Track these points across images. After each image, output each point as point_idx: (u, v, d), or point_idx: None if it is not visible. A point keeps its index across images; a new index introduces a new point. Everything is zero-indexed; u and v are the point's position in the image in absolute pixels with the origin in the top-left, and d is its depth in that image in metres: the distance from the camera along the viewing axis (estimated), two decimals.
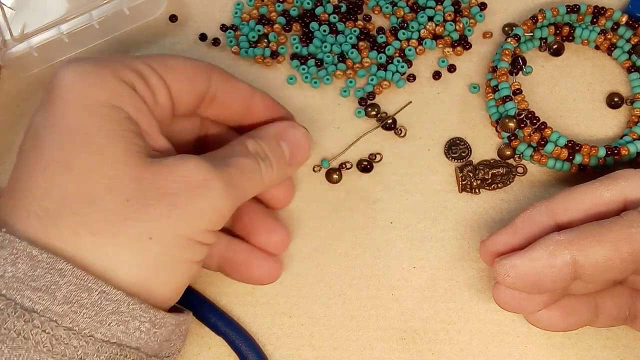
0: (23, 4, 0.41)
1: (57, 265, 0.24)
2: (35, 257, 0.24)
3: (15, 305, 0.24)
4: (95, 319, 0.24)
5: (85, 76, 0.27)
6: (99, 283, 0.25)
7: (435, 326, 0.34)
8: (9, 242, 0.25)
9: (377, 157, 0.38)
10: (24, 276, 0.24)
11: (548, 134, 0.36)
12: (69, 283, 0.24)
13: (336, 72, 0.40)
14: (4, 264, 0.24)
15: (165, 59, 0.30)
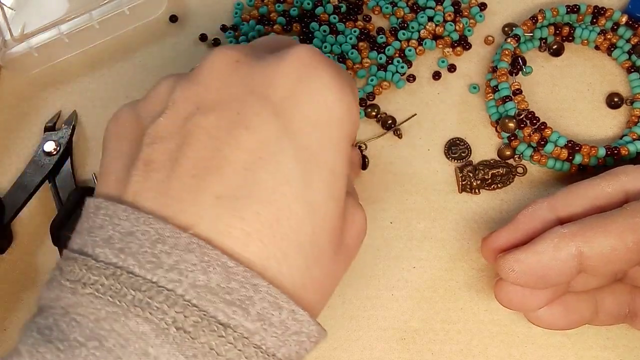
0: (23, 4, 0.41)
1: (253, 281, 0.22)
2: (230, 268, 0.22)
3: (209, 318, 0.21)
4: (280, 338, 0.23)
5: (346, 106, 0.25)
6: (290, 302, 0.23)
7: (435, 326, 0.34)
8: (197, 247, 0.22)
9: (363, 146, 0.38)
10: (217, 287, 0.22)
11: (548, 134, 0.36)
12: (262, 300, 0.22)
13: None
14: (192, 270, 0.22)
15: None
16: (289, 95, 0.24)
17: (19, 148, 0.40)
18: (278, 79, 0.24)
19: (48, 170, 0.38)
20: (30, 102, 0.41)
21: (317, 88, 0.24)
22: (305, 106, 0.24)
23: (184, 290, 0.21)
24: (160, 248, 0.22)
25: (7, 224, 0.37)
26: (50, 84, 0.42)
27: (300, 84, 0.24)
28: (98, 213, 0.23)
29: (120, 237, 0.22)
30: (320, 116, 0.24)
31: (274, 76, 0.24)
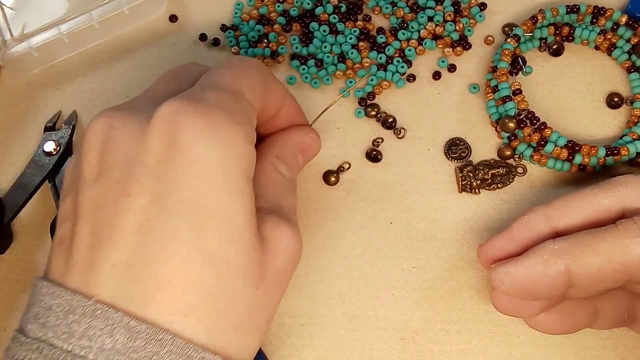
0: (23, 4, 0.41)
1: (157, 336, 0.23)
2: (133, 327, 0.23)
3: None
4: None
5: (225, 147, 0.25)
6: (198, 350, 0.23)
7: (435, 326, 0.34)
8: (102, 312, 0.23)
9: (380, 141, 0.38)
10: (123, 347, 0.23)
11: (548, 134, 0.36)
12: (170, 352, 0.23)
13: (336, 72, 0.40)
14: (100, 334, 0.23)
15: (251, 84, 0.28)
16: (162, 155, 0.25)
17: (19, 148, 0.40)
18: (149, 143, 0.25)
19: (48, 170, 0.38)
20: (30, 102, 0.41)
21: (187, 143, 0.25)
22: (180, 163, 0.24)
23: (94, 355, 0.23)
24: (72, 318, 0.23)
25: (7, 224, 0.37)
26: (50, 84, 0.42)
27: (170, 144, 0.25)
28: (33, 291, 0.25)
29: (42, 312, 0.24)
30: (198, 168, 0.25)
31: (145, 140, 0.25)
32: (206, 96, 0.26)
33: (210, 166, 0.25)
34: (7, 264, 0.37)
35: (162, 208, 0.24)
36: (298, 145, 0.33)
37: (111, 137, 0.26)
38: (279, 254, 0.27)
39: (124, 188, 0.25)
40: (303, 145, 0.33)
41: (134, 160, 0.25)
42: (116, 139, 0.26)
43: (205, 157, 0.25)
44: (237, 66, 0.29)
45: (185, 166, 0.24)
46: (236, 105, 0.27)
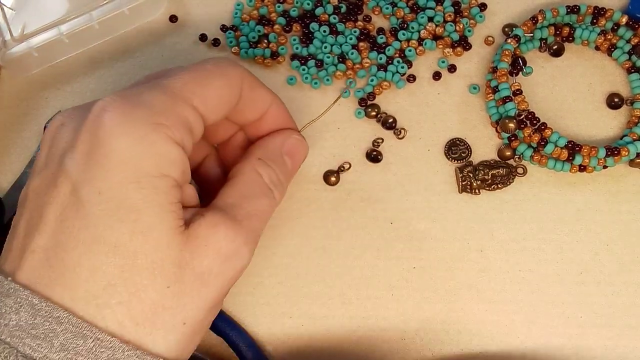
0: (23, 4, 0.41)
1: (55, 314, 0.24)
2: (35, 305, 0.25)
3: (17, 353, 0.24)
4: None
5: (139, 144, 0.26)
6: (94, 330, 0.24)
7: (435, 326, 0.34)
8: (14, 291, 0.25)
9: (380, 142, 0.38)
10: (25, 324, 0.24)
11: (548, 135, 0.36)
12: (65, 330, 0.24)
13: (336, 73, 0.40)
14: (9, 312, 0.25)
15: (204, 91, 0.28)
16: (86, 149, 0.26)
17: (19, 148, 0.40)
18: (79, 138, 0.26)
19: None
20: (30, 102, 0.41)
21: (105, 137, 0.26)
22: (97, 155, 0.26)
23: (1, 331, 0.25)
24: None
25: (6, 223, 0.37)
26: (50, 84, 0.42)
27: (92, 138, 0.26)
28: None
29: None
30: (110, 161, 0.25)
31: (77, 135, 0.27)
32: (141, 94, 0.27)
33: (122, 160, 0.25)
34: None
35: (78, 198, 0.25)
36: (283, 148, 0.33)
37: (58, 133, 0.28)
38: (207, 254, 0.27)
39: (54, 179, 0.26)
40: (288, 147, 0.33)
41: (67, 154, 0.26)
42: (62, 135, 0.28)
43: (118, 152, 0.25)
44: (198, 70, 0.29)
45: (101, 159, 0.26)
46: (170, 107, 0.27)
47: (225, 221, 0.27)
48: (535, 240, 0.36)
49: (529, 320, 0.34)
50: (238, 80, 0.30)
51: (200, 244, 0.27)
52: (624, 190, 0.37)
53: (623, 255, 0.35)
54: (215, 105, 0.29)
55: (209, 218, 0.27)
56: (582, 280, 0.35)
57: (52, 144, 0.28)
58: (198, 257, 0.26)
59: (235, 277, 0.28)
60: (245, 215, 0.29)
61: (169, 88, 0.28)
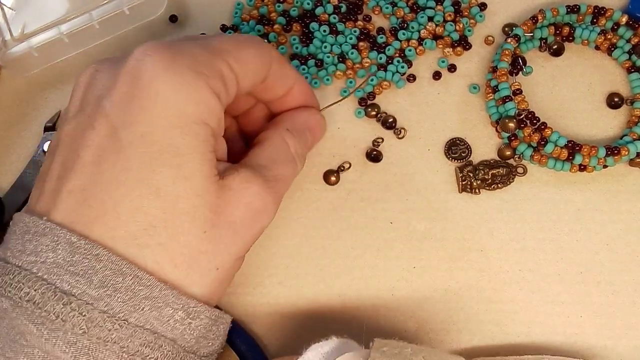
0: (23, 4, 0.41)
1: (94, 251, 0.25)
2: (74, 243, 0.25)
3: (55, 289, 0.24)
4: (129, 303, 0.25)
5: (183, 89, 0.26)
6: (133, 268, 0.25)
7: (435, 326, 0.34)
8: (50, 230, 0.25)
9: (380, 141, 0.38)
10: (63, 262, 0.25)
11: (548, 134, 0.36)
12: (104, 268, 0.25)
13: (336, 73, 0.40)
14: (45, 250, 0.25)
15: (240, 53, 0.29)
16: (126, 91, 0.26)
17: (19, 148, 0.40)
18: (118, 80, 0.27)
19: None
20: (30, 102, 0.41)
21: (148, 80, 0.26)
22: (140, 98, 0.26)
23: (38, 269, 0.25)
24: (27, 237, 0.26)
25: (7, 223, 0.37)
26: (50, 84, 0.42)
27: (134, 80, 0.26)
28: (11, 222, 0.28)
29: (8, 237, 0.27)
30: (154, 105, 0.26)
31: (116, 79, 0.27)
32: (183, 45, 0.28)
33: (166, 105, 0.26)
34: None
35: (118, 139, 0.26)
36: (307, 123, 0.34)
37: (93, 78, 0.28)
38: (239, 206, 0.28)
39: (91, 122, 0.27)
40: (312, 123, 0.35)
41: (104, 97, 0.27)
42: (97, 80, 0.28)
43: (163, 96, 0.26)
44: (236, 38, 0.30)
45: (144, 102, 0.26)
46: (209, 59, 0.28)
47: (258, 179, 0.29)
48: (535, 240, 0.36)
49: (529, 320, 0.34)
50: (268, 53, 0.31)
51: (234, 195, 0.28)
52: (624, 189, 0.37)
53: (623, 255, 0.35)
54: (249, 70, 0.30)
55: (242, 174, 0.28)
56: (582, 279, 0.35)
57: (86, 90, 0.28)
58: (231, 207, 0.28)
59: (260, 232, 0.29)
60: (273, 178, 0.30)
61: (208, 44, 0.29)
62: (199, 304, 0.27)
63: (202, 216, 0.26)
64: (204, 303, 0.27)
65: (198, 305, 0.27)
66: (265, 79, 0.31)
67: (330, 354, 0.27)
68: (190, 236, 0.26)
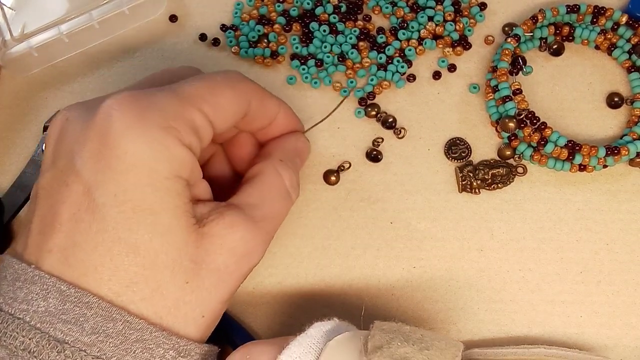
0: (23, 4, 0.41)
1: (84, 299, 0.25)
2: (64, 292, 0.25)
3: (48, 337, 0.25)
4: (121, 347, 0.25)
5: (152, 147, 0.26)
6: (122, 313, 0.25)
7: (436, 326, 0.34)
8: (39, 279, 0.26)
9: (380, 141, 0.38)
10: (54, 310, 0.25)
11: (548, 134, 0.36)
12: (95, 315, 0.25)
13: (336, 73, 0.40)
14: (36, 298, 0.25)
15: (214, 98, 0.29)
16: (96, 148, 0.26)
17: (19, 148, 0.40)
18: (87, 135, 0.26)
19: None
20: (30, 102, 0.41)
21: (116, 138, 0.26)
22: (109, 157, 0.26)
23: (30, 317, 0.25)
24: (17, 285, 0.26)
25: (6, 223, 0.37)
26: (50, 84, 0.42)
27: (103, 138, 0.26)
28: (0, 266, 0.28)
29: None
30: (123, 164, 0.26)
31: (86, 134, 0.26)
32: (152, 96, 0.27)
33: (135, 164, 0.26)
34: None
35: (91, 200, 0.26)
36: (295, 150, 0.34)
37: (64, 128, 0.28)
38: (222, 252, 0.28)
39: (64, 178, 0.26)
40: (299, 149, 0.34)
41: (75, 152, 0.27)
42: (68, 131, 0.28)
43: (131, 155, 0.26)
44: (210, 81, 0.29)
45: (112, 161, 0.26)
46: (180, 110, 0.27)
47: (244, 222, 0.28)
48: (535, 240, 0.36)
49: (528, 320, 0.34)
50: (246, 94, 0.30)
51: (216, 242, 0.27)
52: (624, 189, 0.37)
53: (623, 255, 0.35)
54: (224, 115, 0.29)
55: (227, 218, 0.28)
56: (582, 279, 0.35)
57: (58, 140, 0.28)
58: (213, 254, 0.27)
59: (247, 274, 0.29)
60: (263, 217, 0.29)
61: (179, 92, 0.28)
62: (189, 342, 0.27)
63: (183, 268, 0.26)
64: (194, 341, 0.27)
65: (188, 344, 0.27)
66: (245, 115, 0.31)
67: (331, 332, 0.27)
68: (172, 288, 0.26)
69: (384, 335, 0.26)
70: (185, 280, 0.27)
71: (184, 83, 0.29)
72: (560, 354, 0.31)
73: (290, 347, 0.26)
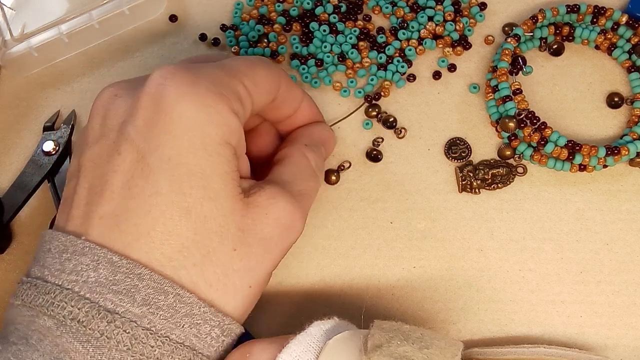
0: (23, 4, 0.41)
1: (136, 270, 0.25)
2: (115, 263, 0.25)
3: (98, 307, 0.25)
4: (171, 320, 0.25)
5: (205, 112, 0.27)
6: (175, 286, 0.26)
7: (436, 326, 0.34)
8: (89, 250, 0.26)
9: (380, 141, 0.38)
10: (105, 280, 0.25)
11: (548, 134, 0.36)
12: (147, 286, 0.25)
13: (336, 73, 0.40)
14: (86, 269, 0.26)
15: (254, 74, 0.30)
16: (149, 116, 0.27)
17: (19, 148, 0.40)
18: (139, 105, 0.27)
19: (47, 169, 0.38)
20: (30, 102, 0.41)
21: (170, 104, 0.26)
22: (163, 122, 0.27)
23: (80, 287, 0.25)
24: (65, 256, 0.26)
25: (6, 223, 0.37)
26: (50, 84, 0.42)
27: (156, 104, 0.27)
28: (39, 241, 0.28)
29: (42, 255, 0.27)
30: (178, 128, 0.26)
31: (137, 104, 0.27)
32: (201, 67, 0.28)
33: (190, 127, 0.26)
34: (7, 263, 0.37)
35: (146, 164, 0.26)
36: (321, 138, 0.35)
37: (114, 104, 0.28)
38: (267, 222, 0.28)
39: (116, 147, 0.27)
40: (325, 138, 0.35)
41: (127, 122, 0.27)
42: (117, 105, 0.28)
43: (186, 119, 0.26)
44: (248, 60, 0.31)
45: (167, 126, 0.26)
46: (227, 80, 0.28)
47: (284, 194, 0.29)
48: (535, 240, 0.36)
49: (528, 320, 0.34)
50: (278, 73, 0.32)
51: (261, 212, 0.28)
52: (624, 189, 0.37)
53: (623, 255, 0.35)
54: (261, 90, 0.30)
55: (268, 190, 0.29)
56: (582, 279, 0.35)
57: (106, 115, 0.28)
58: (260, 224, 0.28)
59: (289, 247, 0.30)
60: (298, 193, 0.30)
61: (223, 66, 0.29)
62: (233, 321, 0.27)
63: (230, 235, 0.27)
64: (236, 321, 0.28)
65: (232, 323, 0.27)
66: (274, 99, 0.32)
67: (331, 331, 0.27)
68: (221, 255, 0.27)
69: (384, 334, 0.26)
70: (233, 247, 0.27)
71: (226, 59, 0.30)
72: (560, 353, 0.31)
73: (290, 346, 0.27)
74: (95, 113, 0.29)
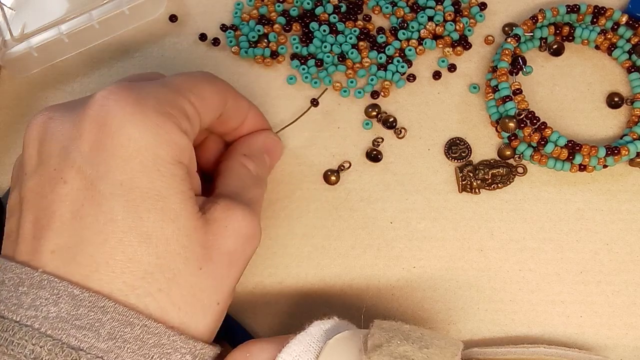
0: (23, 4, 0.41)
1: (99, 303, 0.24)
2: (77, 296, 0.24)
3: (62, 344, 0.24)
4: (139, 352, 0.24)
5: (154, 132, 0.26)
6: (141, 317, 0.25)
7: (436, 326, 0.34)
8: (47, 283, 0.24)
9: (380, 141, 0.38)
10: (67, 315, 0.24)
11: (548, 134, 0.36)
12: (112, 319, 0.24)
13: (336, 73, 0.40)
14: (46, 304, 0.24)
15: (199, 90, 0.29)
16: (94, 140, 0.26)
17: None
18: (82, 128, 0.26)
19: None
20: (30, 102, 0.41)
21: (117, 126, 0.25)
22: (111, 146, 0.25)
23: (40, 324, 0.24)
24: (21, 290, 0.25)
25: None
26: (50, 84, 0.42)
27: (101, 128, 0.25)
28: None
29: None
30: (128, 151, 0.25)
31: (81, 127, 0.26)
32: (143, 86, 0.27)
33: (139, 149, 0.25)
34: None
35: (96, 191, 0.25)
36: (264, 146, 0.35)
37: (49, 127, 0.27)
38: (228, 234, 0.28)
39: (59, 175, 0.26)
40: (267, 146, 0.35)
41: (70, 148, 0.26)
42: (54, 129, 0.27)
43: (134, 141, 0.25)
44: (193, 76, 0.30)
45: (116, 149, 0.25)
46: (173, 98, 0.27)
47: (238, 204, 0.29)
48: (535, 240, 0.36)
49: (528, 320, 0.34)
50: (224, 90, 0.31)
51: (221, 225, 0.28)
52: (624, 189, 0.37)
53: (623, 255, 0.35)
54: (208, 107, 0.30)
55: (222, 203, 0.28)
56: (582, 279, 0.35)
57: (42, 140, 0.27)
58: (221, 238, 0.27)
59: (251, 257, 0.29)
60: (249, 201, 0.30)
61: (168, 84, 0.28)
62: (205, 345, 0.27)
63: (195, 254, 0.26)
64: (207, 342, 0.27)
65: (204, 347, 0.26)
66: (222, 114, 0.31)
67: (331, 330, 0.27)
68: (187, 276, 0.26)
69: (384, 333, 0.26)
70: (198, 266, 0.26)
71: (168, 78, 0.29)
72: (560, 353, 0.31)
73: (290, 345, 0.27)
74: (30, 139, 0.27)
